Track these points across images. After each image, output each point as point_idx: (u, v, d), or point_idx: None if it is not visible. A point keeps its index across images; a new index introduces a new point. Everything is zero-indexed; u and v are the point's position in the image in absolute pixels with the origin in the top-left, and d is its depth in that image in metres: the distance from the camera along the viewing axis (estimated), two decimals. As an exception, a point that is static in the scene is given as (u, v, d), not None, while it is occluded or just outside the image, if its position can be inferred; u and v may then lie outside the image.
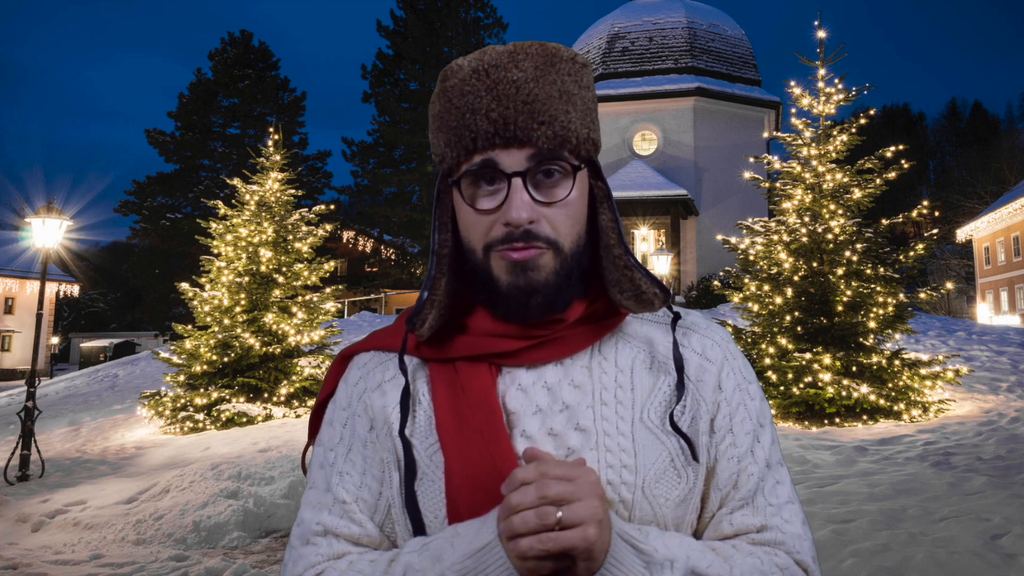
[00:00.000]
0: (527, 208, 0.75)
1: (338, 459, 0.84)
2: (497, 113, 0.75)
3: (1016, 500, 4.53)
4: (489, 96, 0.76)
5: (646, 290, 0.82)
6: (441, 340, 0.83)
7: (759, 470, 0.82)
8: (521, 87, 0.76)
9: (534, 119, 0.75)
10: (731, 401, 0.83)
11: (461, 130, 0.77)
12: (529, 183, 0.76)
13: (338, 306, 12.38)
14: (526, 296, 0.77)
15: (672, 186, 23.29)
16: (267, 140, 11.85)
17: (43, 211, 8.57)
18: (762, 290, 9.15)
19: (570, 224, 0.79)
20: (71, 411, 12.87)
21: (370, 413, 0.84)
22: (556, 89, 0.77)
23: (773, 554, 0.77)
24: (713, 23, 27.64)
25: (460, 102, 0.77)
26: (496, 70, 0.76)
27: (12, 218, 44.64)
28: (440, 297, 0.81)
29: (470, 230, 0.79)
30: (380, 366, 0.87)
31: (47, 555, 4.92)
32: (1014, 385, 9.59)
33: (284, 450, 7.44)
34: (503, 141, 0.75)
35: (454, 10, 35.03)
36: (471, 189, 0.78)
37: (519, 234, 0.75)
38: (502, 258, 0.77)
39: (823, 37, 9.84)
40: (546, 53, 0.78)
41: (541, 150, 0.76)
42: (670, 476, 0.78)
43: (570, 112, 0.77)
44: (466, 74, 0.78)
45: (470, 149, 0.77)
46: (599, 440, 0.77)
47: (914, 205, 9.45)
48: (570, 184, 0.78)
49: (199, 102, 37.71)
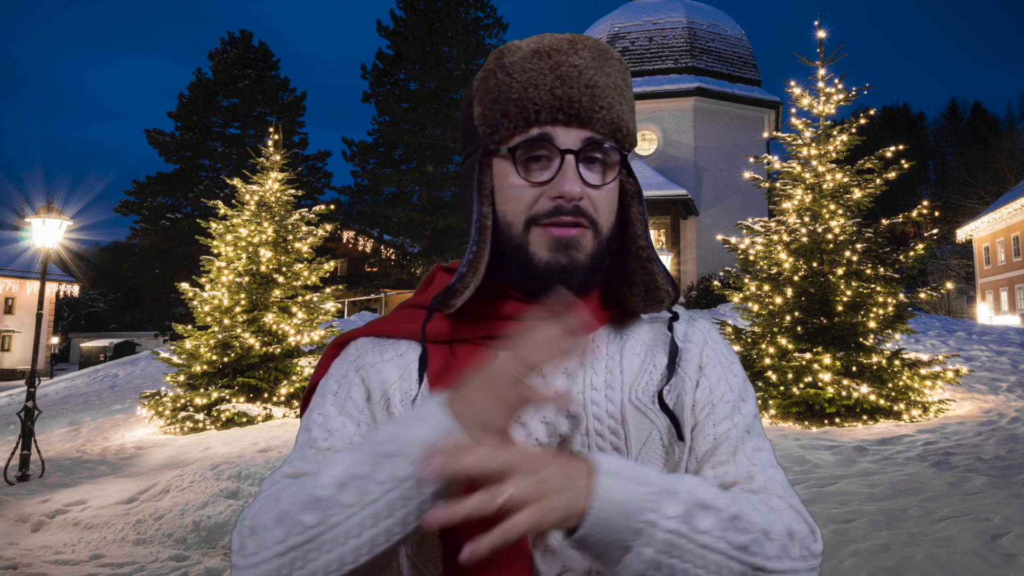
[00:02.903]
0: (579, 184, 0.77)
1: (329, 420, 0.81)
2: (561, 91, 0.77)
3: (1016, 500, 4.53)
4: (553, 75, 0.78)
5: (661, 286, 0.83)
6: (444, 321, 0.84)
7: (739, 434, 0.81)
8: (583, 72, 0.78)
9: (595, 102, 0.78)
10: (711, 376, 0.85)
11: (523, 102, 0.78)
12: (580, 162, 0.78)
13: (338, 306, 12.38)
14: (567, 274, 0.78)
15: (672, 186, 23.28)
16: (267, 140, 11.86)
17: (43, 211, 8.58)
18: (762, 290, 9.14)
19: (609, 210, 0.81)
20: (71, 411, 12.87)
21: (367, 384, 0.83)
22: (611, 81, 0.80)
23: (768, 499, 0.74)
24: (713, 23, 27.63)
25: (522, 77, 0.79)
26: (558, 53, 0.79)
27: (12, 218, 44.65)
28: (480, 268, 0.80)
29: (513, 203, 0.80)
30: (377, 347, 0.86)
31: (47, 555, 4.92)
32: (1014, 385, 9.59)
33: (284, 450, 7.44)
34: (565, 118, 0.78)
35: (454, 10, 35.01)
36: (524, 161, 0.79)
37: (570, 208, 0.77)
38: (546, 233, 0.78)
39: (823, 37, 9.84)
40: (600, 48, 0.81)
41: (596, 134, 0.78)
42: (659, 454, 0.80)
43: (623, 104, 0.81)
44: (526, 53, 0.80)
45: (530, 121, 0.78)
46: (589, 425, 0.79)
47: (914, 205, 9.45)
48: (615, 171, 0.81)
49: (199, 102, 37.69)
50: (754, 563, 0.67)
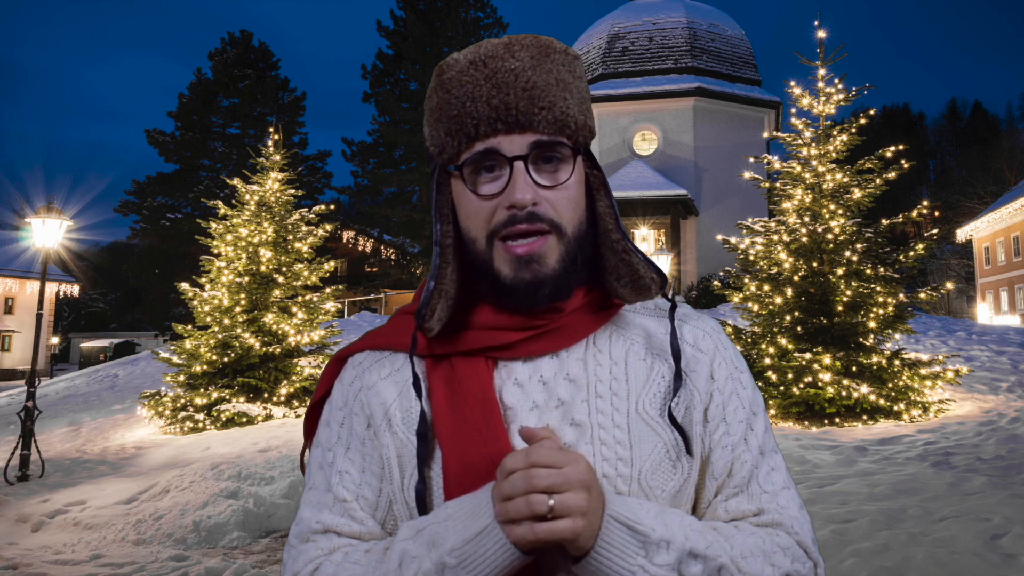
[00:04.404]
0: (530, 190, 0.76)
1: (337, 458, 0.83)
2: (498, 100, 0.76)
3: (1016, 500, 4.52)
4: (488, 84, 0.77)
5: (644, 274, 0.82)
6: (439, 336, 0.83)
7: (753, 458, 0.82)
8: (520, 75, 0.77)
9: (534, 104, 0.76)
10: (724, 390, 0.84)
11: (462, 118, 0.77)
12: (530, 167, 0.77)
13: (338, 306, 12.38)
14: (533, 288, 0.77)
15: (672, 186, 23.27)
16: (267, 140, 11.85)
17: (43, 211, 8.57)
18: (762, 290, 9.14)
19: (571, 208, 0.79)
20: (71, 411, 12.87)
21: (367, 411, 0.83)
22: (553, 77, 0.78)
23: (775, 534, 0.77)
24: (713, 23, 27.62)
25: (459, 92, 0.77)
26: (493, 60, 0.77)
27: (12, 218, 44.62)
28: (447, 287, 0.80)
29: (472, 218, 0.79)
30: (376, 364, 0.86)
31: (47, 555, 4.92)
32: (1014, 385, 9.59)
33: (284, 450, 7.44)
34: (505, 127, 0.76)
35: (454, 10, 35.01)
36: (473, 176, 0.78)
37: (523, 216, 0.76)
38: (506, 251, 0.77)
39: (823, 37, 9.84)
40: (540, 44, 0.79)
41: (541, 135, 0.77)
42: (665, 467, 0.79)
43: (568, 99, 0.79)
44: (463, 66, 0.78)
45: (472, 136, 0.77)
46: (594, 434, 0.78)
47: (914, 205, 9.45)
48: (570, 168, 0.79)
49: (199, 102, 37.68)
50: None
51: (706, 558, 0.70)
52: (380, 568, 0.73)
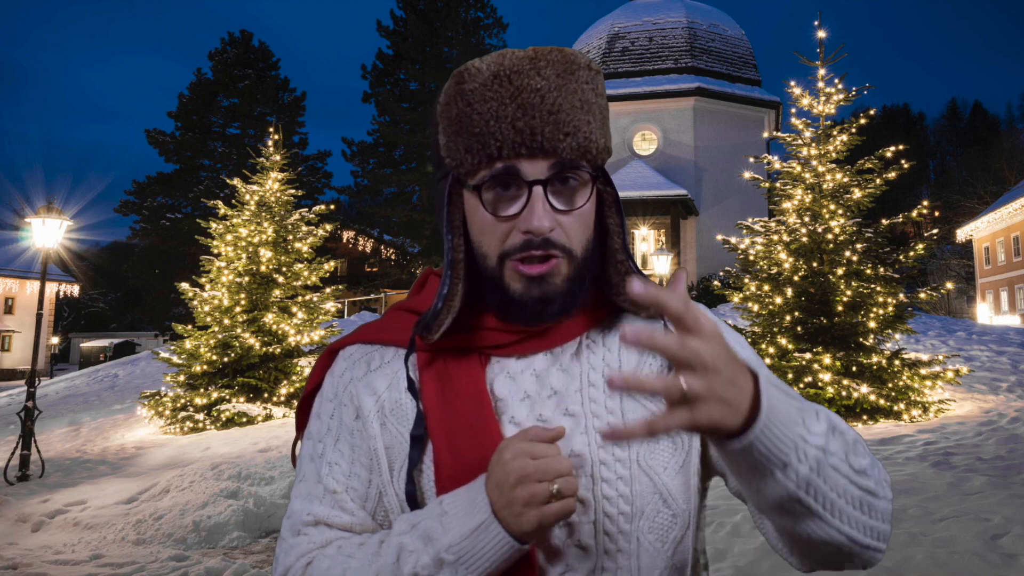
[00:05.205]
0: (548, 217, 0.76)
1: (327, 450, 0.84)
2: (523, 123, 0.75)
3: (1016, 500, 4.53)
4: (514, 104, 0.75)
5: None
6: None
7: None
8: (545, 96, 0.75)
9: (559, 130, 0.75)
10: None
11: (485, 137, 0.76)
12: (549, 191, 0.77)
13: (338, 306, 12.38)
14: (542, 305, 0.78)
15: (672, 186, 23.28)
16: (267, 140, 11.86)
17: (43, 211, 8.57)
18: (762, 290, 9.14)
19: (582, 231, 0.79)
20: (71, 411, 12.87)
21: (356, 402, 0.84)
22: (577, 99, 0.77)
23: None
24: (713, 23, 27.63)
25: (483, 108, 0.76)
26: (519, 76, 0.76)
27: (12, 218, 44.64)
28: (455, 303, 0.80)
29: (485, 235, 0.79)
30: (366, 356, 0.87)
31: (47, 555, 4.92)
32: (1014, 385, 9.59)
33: (284, 450, 7.44)
34: (528, 151, 0.75)
35: (454, 10, 35.00)
36: (490, 195, 0.78)
37: (539, 242, 0.76)
38: (517, 272, 0.77)
39: (823, 37, 9.84)
40: (565, 60, 0.78)
41: (563, 160, 0.76)
42: (664, 444, 0.79)
43: (591, 122, 0.78)
44: (486, 78, 0.77)
45: (493, 156, 0.76)
46: (588, 423, 0.79)
47: (914, 205, 9.44)
48: (587, 193, 0.79)
49: (199, 102, 37.68)
50: (868, 487, 0.69)
51: (842, 431, 0.70)
52: (376, 562, 0.73)
